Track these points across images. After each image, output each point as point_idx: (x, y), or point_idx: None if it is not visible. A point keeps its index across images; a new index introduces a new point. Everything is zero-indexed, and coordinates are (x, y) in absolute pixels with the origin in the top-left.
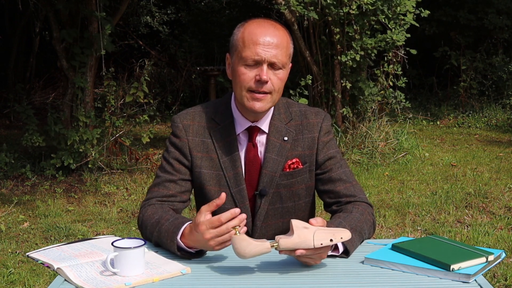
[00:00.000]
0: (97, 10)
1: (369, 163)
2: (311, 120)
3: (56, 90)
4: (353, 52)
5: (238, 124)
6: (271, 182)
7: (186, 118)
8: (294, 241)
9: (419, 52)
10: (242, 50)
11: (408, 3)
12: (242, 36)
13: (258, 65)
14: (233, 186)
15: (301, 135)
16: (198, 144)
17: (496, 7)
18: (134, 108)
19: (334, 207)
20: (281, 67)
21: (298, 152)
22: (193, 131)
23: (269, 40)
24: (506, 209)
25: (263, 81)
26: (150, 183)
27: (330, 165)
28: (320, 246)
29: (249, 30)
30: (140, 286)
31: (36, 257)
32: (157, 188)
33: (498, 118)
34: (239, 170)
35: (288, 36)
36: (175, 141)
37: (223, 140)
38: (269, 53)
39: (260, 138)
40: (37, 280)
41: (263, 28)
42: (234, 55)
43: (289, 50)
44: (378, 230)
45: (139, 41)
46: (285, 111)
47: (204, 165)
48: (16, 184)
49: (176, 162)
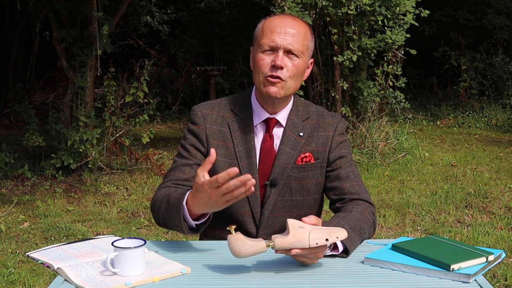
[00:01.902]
0: (97, 10)
1: (369, 163)
2: (328, 120)
3: (56, 90)
4: (350, 52)
5: (256, 115)
6: (282, 173)
7: (205, 108)
8: (289, 241)
9: (419, 52)
10: (260, 38)
11: (408, 3)
12: (262, 26)
13: (274, 52)
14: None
15: (317, 132)
16: (215, 132)
17: (495, 7)
18: (134, 108)
19: (338, 205)
20: (297, 55)
21: (312, 148)
22: (211, 120)
23: (287, 29)
24: (506, 209)
25: (277, 66)
26: (150, 183)
27: (340, 163)
28: (315, 245)
29: (269, 20)
30: (140, 286)
31: (36, 257)
32: (173, 172)
33: (498, 118)
34: (253, 160)
35: (307, 29)
36: (193, 128)
37: (240, 130)
38: (285, 40)
39: (276, 130)
40: (37, 280)
41: (282, 19)
42: (254, 45)
43: (307, 41)
44: (378, 230)
45: (139, 41)
46: (303, 109)
47: (220, 153)
48: (16, 184)
49: (192, 148)
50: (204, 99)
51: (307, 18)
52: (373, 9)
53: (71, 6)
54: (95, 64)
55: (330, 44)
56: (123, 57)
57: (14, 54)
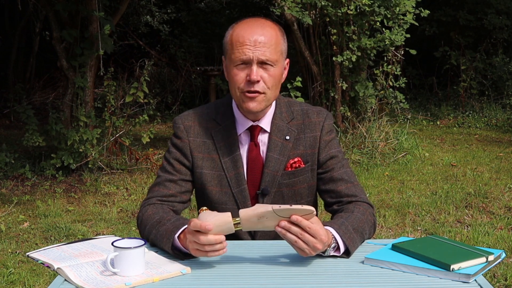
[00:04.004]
0: (97, 10)
1: (369, 163)
2: (313, 119)
3: (56, 90)
4: (349, 52)
5: (240, 124)
6: (273, 181)
7: (187, 119)
8: (252, 208)
9: (419, 52)
10: (231, 52)
11: (408, 3)
12: (230, 38)
13: (248, 65)
14: (235, 186)
15: (303, 134)
16: (199, 145)
17: (495, 7)
18: (134, 108)
19: (335, 207)
20: (272, 64)
21: (300, 151)
22: (194, 132)
23: (256, 39)
24: (506, 209)
25: (253, 80)
26: (150, 183)
27: (331, 164)
28: (278, 208)
29: (237, 31)
30: (140, 286)
31: (36, 257)
32: (158, 188)
33: (498, 118)
34: (240, 170)
35: (278, 32)
36: (177, 142)
37: (224, 140)
38: (257, 51)
39: (262, 137)
40: (37, 280)
41: (250, 28)
42: (226, 57)
43: (280, 47)
44: (378, 230)
45: (139, 41)
46: (286, 110)
47: (206, 166)
48: (16, 184)
49: (176, 163)
50: (204, 99)
51: (307, 18)
52: (372, 9)
53: (71, 6)
54: (96, 64)
55: (330, 44)
56: (123, 57)
57: (14, 54)
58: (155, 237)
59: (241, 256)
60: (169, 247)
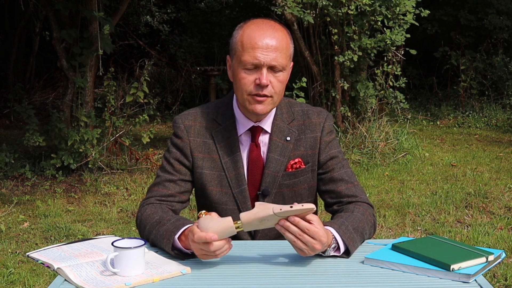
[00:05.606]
0: (97, 10)
1: (369, 163)
2: (314, 120)
3: (56, 90)
4: (350, 52)
5: (240, 125)
6: (273, 182)
7: (187, 119)
8: (253, 211)
9: (419, 52)
10: (241, 54)
11: (408, 3)
12: (241, 39)
13: (257, 69)
14: (235, 186)
15: (304, 135)
16: (199, 145)
17: (496, 7)
18: (134, 108)
19: (335, 207)
20: (281, 70)
21: (301, 152)
22: (194, 132)
23: (268, 43)
24: (506, 209)
25: (263, 85)
26: (150, 183)
27: (332, 165)
28: (279, 211)
29: (248, 33)
30: (140, 286)
31: (36, 257)
32: (157, 188)
33: (498, 118)
34: (240, 171)
35: (287, 37)
36: (177, 142)
37: (225, 140)
38: (268, 56)
39: (262, 138)
40: (37, 280)
41: (262, 31)
42: (234, 58)
43: (289, 51)
44: (378, 230)
45: (139, 41)
46: (287, 111)
47: (206, 166)
48: (16, 184)
49: (176, 163)
50: (204, 99)
51: (308, 17)
52: (373, 9)
53: (71, 6)
54: (95, 64)
55: (330, 44)
56: (123, 57)
57: (14, 54)
58: (155, 237)
59: (241, 256)
60: (169, 247)
